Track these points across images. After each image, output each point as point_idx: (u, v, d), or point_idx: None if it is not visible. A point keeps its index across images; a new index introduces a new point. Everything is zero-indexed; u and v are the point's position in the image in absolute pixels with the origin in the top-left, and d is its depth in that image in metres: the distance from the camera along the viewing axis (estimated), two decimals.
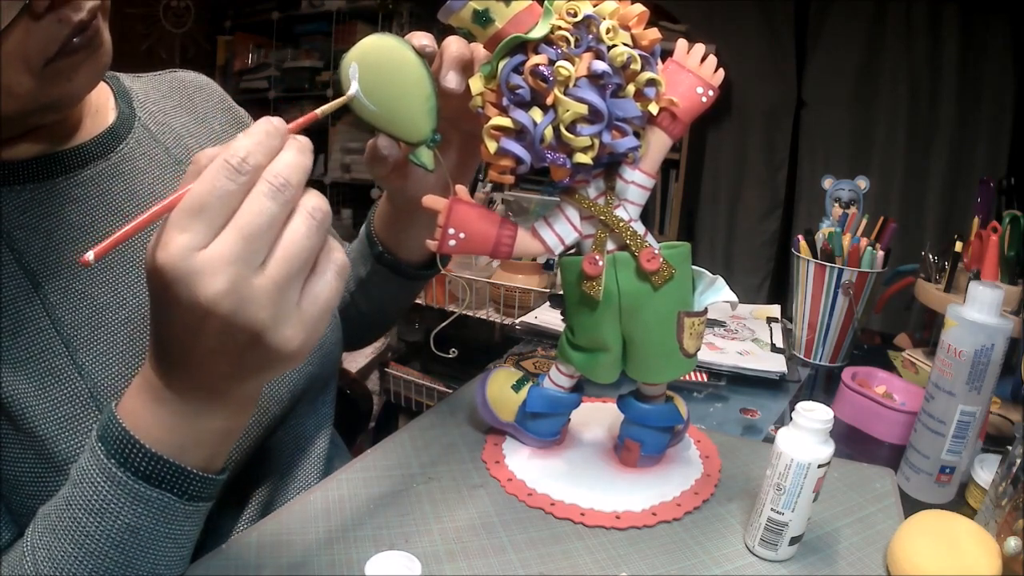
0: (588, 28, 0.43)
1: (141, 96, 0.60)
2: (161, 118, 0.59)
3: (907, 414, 0.70)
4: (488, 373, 0.60)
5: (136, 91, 0.60)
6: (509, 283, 1.39)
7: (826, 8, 2.23)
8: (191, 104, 0.63)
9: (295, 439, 0.60)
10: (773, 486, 0.46)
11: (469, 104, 0.46)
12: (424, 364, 1.70)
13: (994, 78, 2.03)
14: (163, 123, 0.59)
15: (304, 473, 0.60)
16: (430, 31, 0.46)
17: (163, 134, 0.58)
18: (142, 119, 0.57)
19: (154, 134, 0.57)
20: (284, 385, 0.57)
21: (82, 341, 0.46)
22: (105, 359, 0.47)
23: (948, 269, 0.85)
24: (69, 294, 0.47)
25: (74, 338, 0.46)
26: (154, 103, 0.60)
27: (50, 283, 0.46)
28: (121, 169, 0.53)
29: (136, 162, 0.55)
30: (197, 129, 0.62)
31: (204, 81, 0.67)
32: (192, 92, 0.64)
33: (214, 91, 0.67)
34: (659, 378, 0.55)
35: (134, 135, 0.56)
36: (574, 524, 0.51)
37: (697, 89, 0.49)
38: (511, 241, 0.50)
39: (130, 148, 0.55)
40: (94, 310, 0.48)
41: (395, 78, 0.44)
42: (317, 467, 0.61)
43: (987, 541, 0.45)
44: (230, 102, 0.68)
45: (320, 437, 0.63)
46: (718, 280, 0.52)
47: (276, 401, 0.56)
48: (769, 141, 2.37)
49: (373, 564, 0.41)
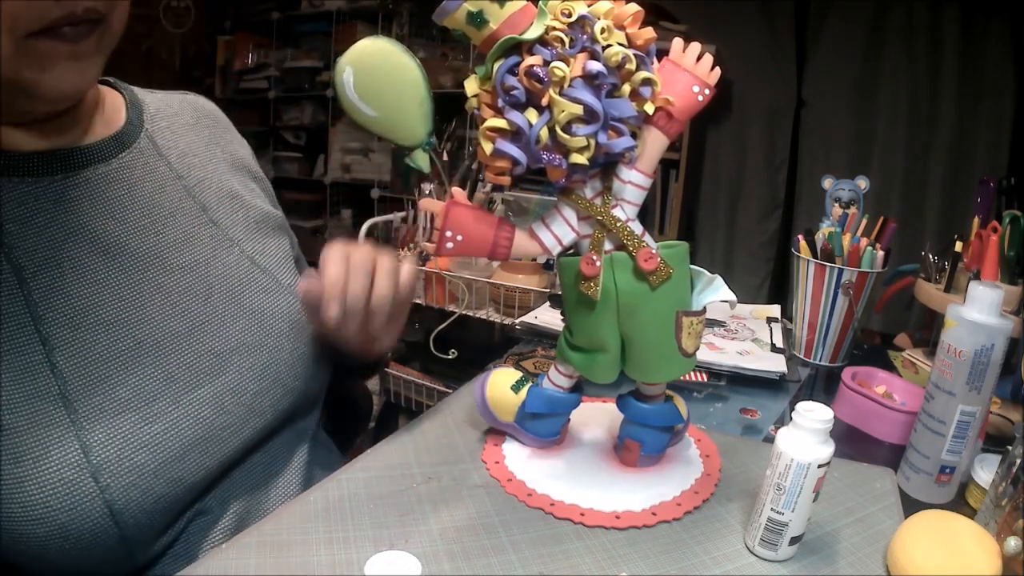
0: (583, 28, 0.43)
1: (152, 110, 0.60)
2: (168, 134, 0.60)
3: (907, 414, 0.70)
4: (488, 373, 0.60)
5: (148, 104, 0.61)
6: (509, 283, 1.39)
7: (826, 8, 2.23)
8: (199, 127, 0.64)
9: (274, 452, 0.58)
10: (773, 486, 0.46)
11: (465, 105, 0.46)
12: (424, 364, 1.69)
13: (994, 78, 2.03)
14: (169, 139, 0.60)
15: (284, 483, 0.58)
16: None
17: (168, 149, 0.59)
18: (149, 131, 0.58)
19: (159, 147, 0.58)
20: (266, 399, 0.56)
21: (60, 340, 0.46)
22: (81, 359, 0.47)
23: (948, 269, 0.85)
24: (53, 292, 0.47)
25: (52, 336, 0.46)
26: (164, 118, 0.61)
27: (36, 279, 0.47)
28: (120, 176, 0.53)
29: (136, 171, 0.55)
30: (202, 151, 0.62)
31: (212, 108, 0.69)
32: (201, 116, 0.66)
33: (220, 119, 0.68)
34: (658, 378, 0.54)
35: (138, 145, 0.56)
36: (574, 524, 0.51)
37: (693, 88, 0.48)
38: (508, 243, 0.50)
39: (132, 157, 0.55)
40: (76, 310, 0.48)
41: (390, 81, 0.44)
42: (297, 478, 0.59)
43: (987, 541, 0.45)
44: (234, 132, 0.69)
45: (300, 451, 0.61)
46: (717, 279, 0.52)
47: (257, 414, 0.55)
48: (769, 141, 2.37)
49: (373, 564, 0.41)
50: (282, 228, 0.67)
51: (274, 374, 0.57)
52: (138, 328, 0.50)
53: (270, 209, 0.66)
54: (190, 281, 0.54)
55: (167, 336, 0.51)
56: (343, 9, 2.80)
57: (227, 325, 0.55)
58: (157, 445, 0.47)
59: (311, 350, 0.61)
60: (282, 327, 0.59)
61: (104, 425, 0.45)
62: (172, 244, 0.54)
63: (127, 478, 0.45)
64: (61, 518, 0.43)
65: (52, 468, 0.43)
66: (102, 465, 0.44)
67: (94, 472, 0.44)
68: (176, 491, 0.48)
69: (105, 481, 0.44)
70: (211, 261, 0.57)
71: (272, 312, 0.59)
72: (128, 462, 0.45)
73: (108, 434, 0.45)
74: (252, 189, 0.66)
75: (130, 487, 0.45)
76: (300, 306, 0.61)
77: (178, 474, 0.48)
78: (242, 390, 0.54)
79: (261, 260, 0.61)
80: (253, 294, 0.58)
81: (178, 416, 0.49)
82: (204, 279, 0.55)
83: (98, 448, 0.44)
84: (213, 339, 0.54)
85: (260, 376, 0.55)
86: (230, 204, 0.61)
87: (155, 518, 0.47)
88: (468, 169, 1.48)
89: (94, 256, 0.50)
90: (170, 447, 0.48)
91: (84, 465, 0.44)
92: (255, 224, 0.63)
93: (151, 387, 0.49)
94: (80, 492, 0.43)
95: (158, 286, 0.52)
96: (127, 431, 0.46)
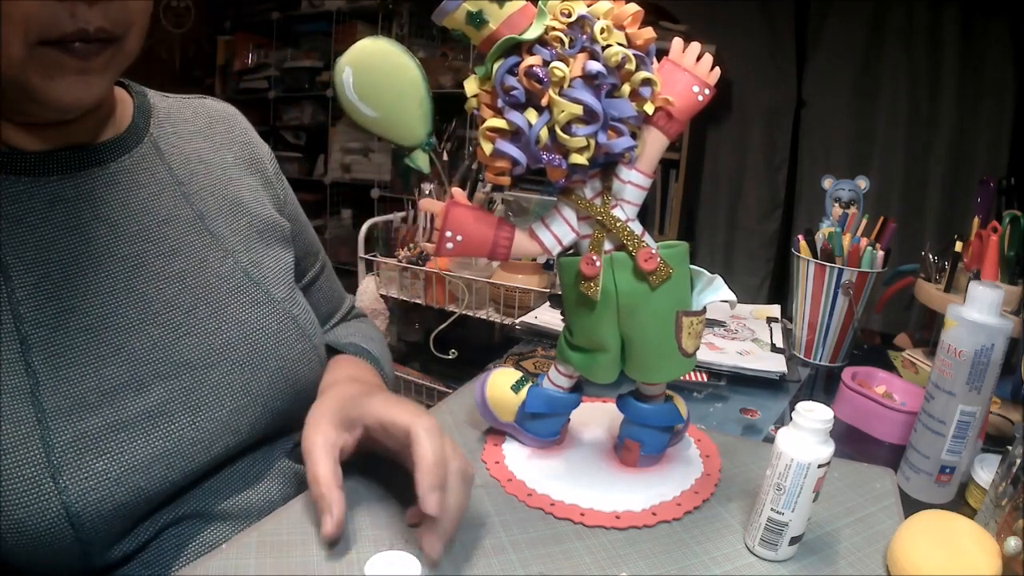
0: (582, 28, 0.43)
1: (162, 115, 0.60)
2: (175, 139, 0.60)
3: (907, 414, 0.70)
4: (488, 373, 0.60)
5: (159, 109, 0.60)
6: (509, 283, 1.39)
7: (826, 8, 2.23)
8: (210, 132, 0.64)
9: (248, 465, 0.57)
10: (773, 486, 0.46)
11: (465, 105, 0.46)
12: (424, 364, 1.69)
13: (994, 78, 2.03)
14: (175, 144, 0.59)
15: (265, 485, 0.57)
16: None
17: (171, 154, 0.59)
18: (154, 135, 0.58)
19: (161, 152, 0.58)
20: (244, 416, 0.54)
21: (38, 340, 0.46)
22: (57, 362, 0.46)
23: (948, 269, 0.85)
24: (37, 291, 0.47)
25: (31, 336, 0.46)
26: (172, 124, 0.61)
27: (21, 277, 0.47)
28: (118, 179, 0.53)
29: (136, 176, 0.55)
30: (209, 156, 0.62)
31: (230, 112, 0.67)
32: (214, 121, 0.65)
33: (237, 123, 0.67)
34: (658, 378, 0.54)
35: (140, 150, 0.56)
36: (574, 524, 0.51)
37: (693, 88, 0.48)
38: (508, 243, 0.50)
39: (133, 161, 0.55)
40: (58, 312, 0.47)
41: (390, 81, 0.44)
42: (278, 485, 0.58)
43: (987, 541, 0.45)
44: (250, 136, 0.68)
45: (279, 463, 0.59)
46: (716, 279, 0.52)
47: (232, 431, 0.53)
48: (769, 141, 2.37)
49: (373, 564, 0.41)
50: (286, 240, 0.65)
51: (254, 392, 0.55)
52: (116, 335, 0.49)
53: (277, 219, 0.65)
54: (175, 291, 0.53)
55: (145, 346, 0.50)
56: (343, 9, 2.80)
57: (210, 338, 0.54)
58: (122, 453, 0.46)
59: (300, 371, 0.59)
60: (268, 344, 0.57)
61: (70, 427, 0.45)
62: (162, 253, 0.54)
63: (87, 483, 0.45)
64: (18, 513, 0.43)
65: (14, 463, 0.43)
66: (62, 466, 0.44)
67: (53, 472, 0.44)
68: (137, 500, 0.47)
69: (64, 483, 0.44)
70: (200, 271, 0.56)
71: (260, 326, 0.57)
72: (90, 467, 0.45)
73: (72, 436, 0.45)
74: (260, 197, 0.64)
75: (88, 491, 0.44)
76: (290, 323, 0.59)
77: (141, 483, 0.47)
78: (218, 406, 0.52)
79: (255, 272, 0.59)
80: (241, 307, 0.57)
81: (147, 426, 0.48)
82: (191, 289, 0.54)
83: (60, 449, 0.44)
84: (193, 351, 0.53)
85: (239, 393, 0.54)
86: (231, 212, 0.60)
87: (113, 523, 0.46)
88: (468, 169, 1.48)
89: (81, 259, 0.49)
90: (135, 456, 0.47)
91: (44, 464, 0.44)
92: (256, 234, 0.62)
93: (122, 395, 0.48)
94: (38, 490, 0.43)
95: (141, 294, 0.52)
96: (92, 436, 0.46)
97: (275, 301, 0.59)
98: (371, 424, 0.49)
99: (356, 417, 0.50)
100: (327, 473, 0.47)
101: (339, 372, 0.64)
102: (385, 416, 0.48)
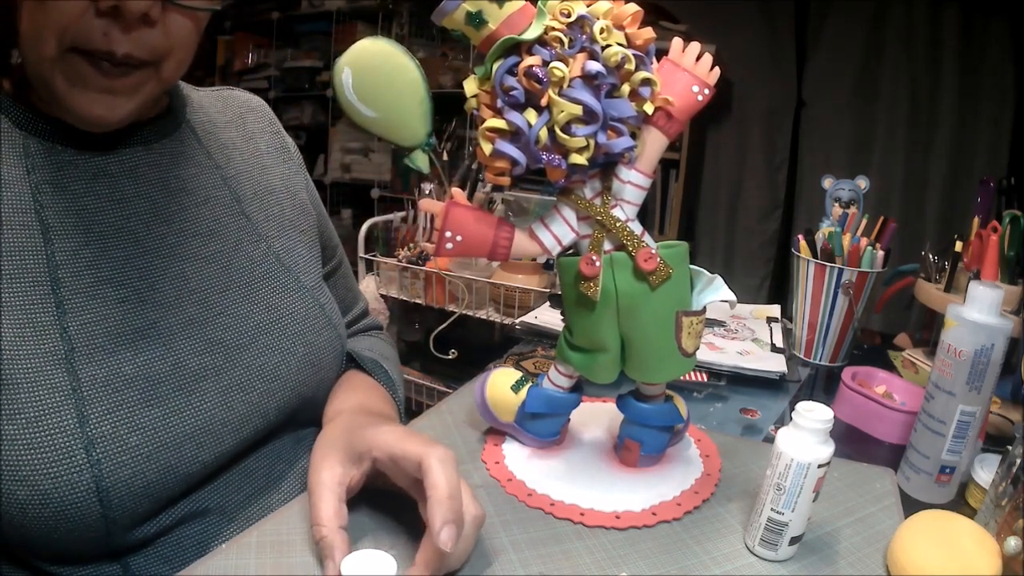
0: (582, 28, 0.43)
1: (195, 104, 0.61)
2: (209, 127, 0.61)
3: (907, 414, 0.70)
4: (488, 373, 0.60)
5: (192, 99, 0.61)
6: (509, 283, 1.39)
7: (826, 8, 2.23)
8: (241, 122, 0.65)
9: (275, 455, 0.58)
10: (773, 486, 0.46)
11: (465, 106, 0.46)
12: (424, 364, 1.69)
13: (994, 78, 2.03)
14: (210, 132, 0.60)
15: (287, 487, 0.58)
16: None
17: (208, 140, 0.60)
18: (191, 122, 0.59)
19: (199, 137, 0.59)
20: (272, 399, 0.55)
21: (74, 306, 0.46)
22: (92, 329, 0.46)
23: (948, 269, 0.85)
24: (76, 258, 0.47)
25: (68, 301, 0.46)
26: (206, 113, 0.62)
27: (61, 241, 0.47)
28: (160, 160, 0.54)
29: (176, 157, 0.56)
30: (244, 145, 0.63)
31: (257, 103, 0.68)
32: (244, 111, 0.66)
33: (264, 114, 0.68)
34: (658, 378, 0.54)
35: (179, 134, 0.57)
36: (574, 524, 0.51)
37: (693, 88, 0.48)
38: (508, 243, 0.50)
39: (174, 144, 0.56)
40: (95, 281, 0.48)
41: (389, 82, 0.44)
42: (299, 484, 0.59)
43: (987, 541, 0.45)
44: (278, 127, 0.69)
45: (302, 457, 0.60)
46: (716, 279, 0.52)
47: (261, 414, 0.54)
48: (769, 141, 2.37)
49: (348, 563, 0.40)
50: (313, 229, 0.66)
51: (283, 376, 0.56)
52: (152, 310, 0.50)
53: (306, 207, 0.66)
54: (211, 271, 0.54)
55: (180, 323, 0.51)
56: (343, 9, 2.81)
57: (242, 320, 0.55)
58: (155, 429, 0.47)
59: (326, 358, 0.60)
60: (297, 329, 0.58)
61: (105, 399, 0.45)
62: (199, 232, 0.55)
63: (120, 457, 0.44)
64: (46, 484, 0.42)
65: (45, 432, 0.42)
66: (96, 438, 0.44)
67: (87, 444, 0.43)
68: (167, 479, 0.47)
69: (97, 455, 0.43)
70: (235, 253, 0.57)
71: (290, 312, 0.58)
72: (123, 441, 0.45)
73: (107, 408, 0.45)
74: (290, 185, 0.65)
75: (121, 466, 0.44)
76: (318, 311, 0.61)
77: (172, 462, 0.47)
78: (249, 388, 0.53)
79: (286, 259, 0.61)
80: (273, 292, 0.58)
81: (180, 404, 0.49)
82: (225, 271, 0.55)
83: (95, 420, 0.44)
84: (226, 332, 0.53)
85: (270, 376, 0.55)
86: (265, 199, 0.62)
87: (141, 503, 0.46)
88: (468, 169, 1.48)
89: (121, 233, 0.50)
90: (168, 433, 0.47)
91: (78, 435, 0.43)
92: (288, 221, 0.63)
93: (157, 370, 0.48)
94: (70, 461, 0.43)
95: (178, 272, 0.52)
96: (127, 409, 0.46)
97: (304, 288, 0.61)
98: (380, 457, 0.47)
99: (364, 451, 0.48)
100: (330, 515, 0.44)
101: (351, 397, 0.62)
102: (396, 448, 0.46)
